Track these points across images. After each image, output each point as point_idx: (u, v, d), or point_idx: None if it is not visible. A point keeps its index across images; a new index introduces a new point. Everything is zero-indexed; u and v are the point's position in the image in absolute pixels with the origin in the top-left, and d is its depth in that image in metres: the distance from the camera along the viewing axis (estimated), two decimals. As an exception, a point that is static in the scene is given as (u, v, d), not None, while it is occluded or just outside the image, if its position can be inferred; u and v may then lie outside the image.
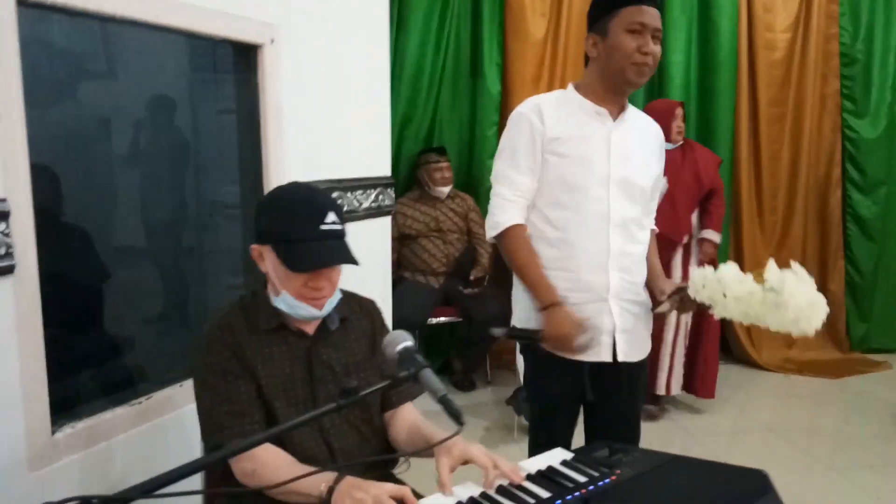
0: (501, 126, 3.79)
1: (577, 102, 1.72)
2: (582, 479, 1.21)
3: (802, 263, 1.57)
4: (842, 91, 4.06)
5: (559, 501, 1.12)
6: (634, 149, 1.72)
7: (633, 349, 1.74)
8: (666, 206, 3.09)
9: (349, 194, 2.59)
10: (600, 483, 1.18)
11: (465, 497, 1.17)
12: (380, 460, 1.40)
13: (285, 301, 1.32)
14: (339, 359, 1.40)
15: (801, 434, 3.18)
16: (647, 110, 3.26)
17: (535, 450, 1.87)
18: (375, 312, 1.52)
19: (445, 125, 3.81)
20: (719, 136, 3.94)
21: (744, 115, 3.99)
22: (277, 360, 1.36)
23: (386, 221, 2.90)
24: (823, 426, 3.28)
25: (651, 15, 1.62)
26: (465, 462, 1.26)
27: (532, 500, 1.14)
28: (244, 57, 2.12)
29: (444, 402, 1.04)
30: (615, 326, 1.70)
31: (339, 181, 2.53)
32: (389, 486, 1.13)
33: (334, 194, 2.48)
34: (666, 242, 3.15)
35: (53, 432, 1.59)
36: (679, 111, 3.17)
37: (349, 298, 1.45)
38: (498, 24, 3.72)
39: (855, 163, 4.09)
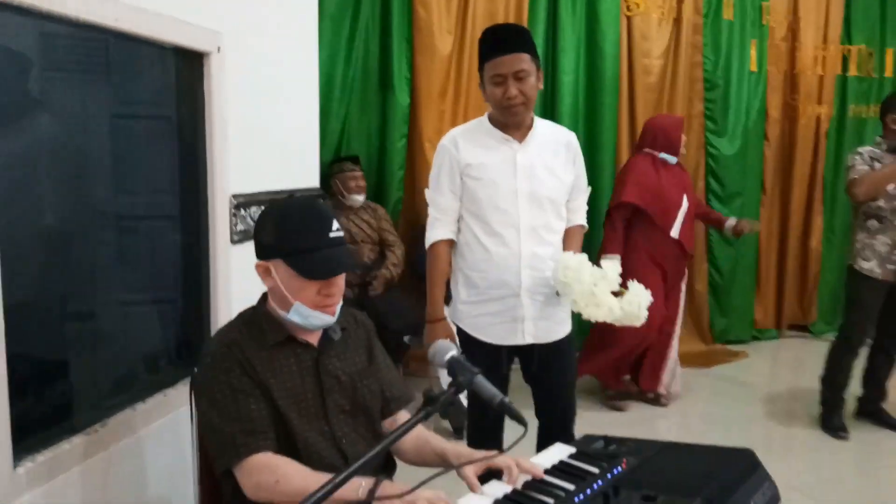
0: (410, 137, 3.88)
1: (488, 131, 2.02)
2: (594, 469, 1.34)
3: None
4: (705, 112, 4.57)
5: (588, 490, 1.24)
6: (540, 165, 2.01)
7: (544, 333, 2.06)
8: (688, 222, 3.51)
9: (286, 205, 2.56)
10: (615, 471, 1.31)
11: (499, 494, 1.25)
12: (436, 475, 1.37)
13: (299, 312, 1.34)
14: (344, 368, 1.44)
15: (679, 416, 3.61)
16: (654, 125, 3.51)
17: (475, 433, 2.18)
18: (369, 324, 1.57)
19: (355, 136, 3.84)
20: (604, 152, 4.30)
21: (624, 134, 4.38)
22: (288, 374, 1.37)
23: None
24: (694, 410, 3.70)
25: (507, 63, 1.89)
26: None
27: (562, 493, 1.24)
28: (188, 64, 2.05)
29: (503, 407, 1.11)
30: (525, 316, 2.01)
31: (276, 192, 2.49)
32: (429, 493, 1.18)
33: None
34: (683, 253, 3.54)
35: (15, 467, 1.46)
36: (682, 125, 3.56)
37: (344, 310, 1.48)
38: (406, 40, 3.82)
39: (716, 176, 4.63)
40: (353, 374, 1.44)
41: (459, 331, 2.10)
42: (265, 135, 2.42)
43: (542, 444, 2.16)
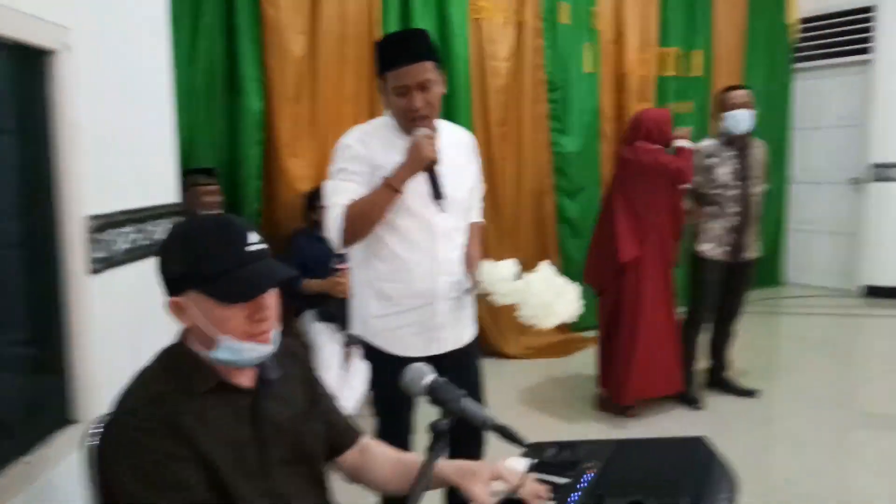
0: (266, 145, 3.63)
1: (394, 133, 1.91)
2: (564, 480, 1.30)
3: (526, 259, 2.04)
4: (549, 112, 4.79)
5: (574, 497, 1.20)
6: (449, 166, 1.93)
7: (458, 338, 2.02)
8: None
9: (149, 225, 2.25)
10: (585, 478, 1.28)
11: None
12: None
13: (229, 348, 1.14)
14: (283, 412, 1.25)
15: (552, 405, 3.72)
16: (647, 119, 3.43)
17: (385, 437, 2.04)
18: (303, 354, 1.39)
19: (201, 145, 3.51)
20: (462, 152, 4.34)
21: (479, 134, 4.45)
22: (220, 426, 1.16)
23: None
24: (562, 397, 3.87)
25: (411, 74, 1.82)
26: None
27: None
28: (30, 64, 1.72)
29: (498, 428, 1.03)
30: (443, 323, 1.96)
31: (137, 211, 2.18)
32: None
33: (126, 228, 2.16)
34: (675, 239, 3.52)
35: None
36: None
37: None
38: (254, 41, 3.56)
39: (562, 173, 4.86)
40: (293, 417, 1.27)
41: (370, 347, 1.99)
42: (121, 145, 2.11)
43: (454, 450, 2.10)
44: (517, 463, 1.36)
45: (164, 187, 2.46)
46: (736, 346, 3.90)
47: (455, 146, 2.01)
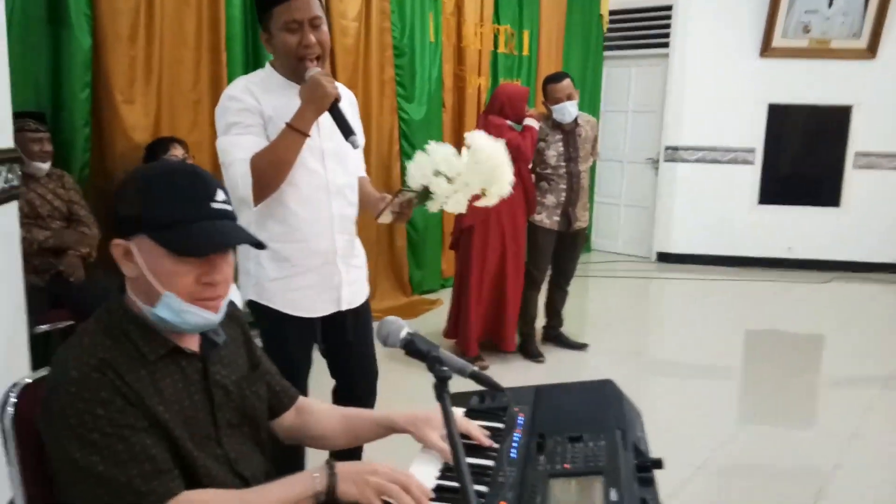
0: (95, 86, 3.24)
1: (281, 84, 1.81)
2: (500, 424, 1.38)
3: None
4: (395, 78, 4.80)
5: (514, 444, 1.28)
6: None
7: (355, 297, 1.99)
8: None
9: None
10: (520, 421, 1.37)
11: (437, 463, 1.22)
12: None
13: (169, 306, 1.05)
14: (230, 376, 1.20)
15: (407, 362, 3.81)
16: (503, 94, 3.59)
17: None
18: (240, 316, 1.32)
19: (18, 85, 3.01)
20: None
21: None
22: (174, 393, 1.09)
23: (13, 208, 2.23)
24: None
25: (302, 8, 1.73)
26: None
27: (493, 452, 1.26)
28: None
29: (476, 376, 1.07)
30: (342, 282, 1.93)
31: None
32: (386, 468, 1.08)
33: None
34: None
35: None
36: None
37: None
38: (82, -33, 3.13)
39: (408, 139, 4.92)
40: (240, 381, 1.22)
41: (268, 311, 1.90)
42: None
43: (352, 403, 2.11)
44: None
45: (-5, 129, 2.12)
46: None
47: (346, 100, 1.93)
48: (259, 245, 1.14)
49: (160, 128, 3.50)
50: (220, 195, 1.09)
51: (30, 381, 1.16)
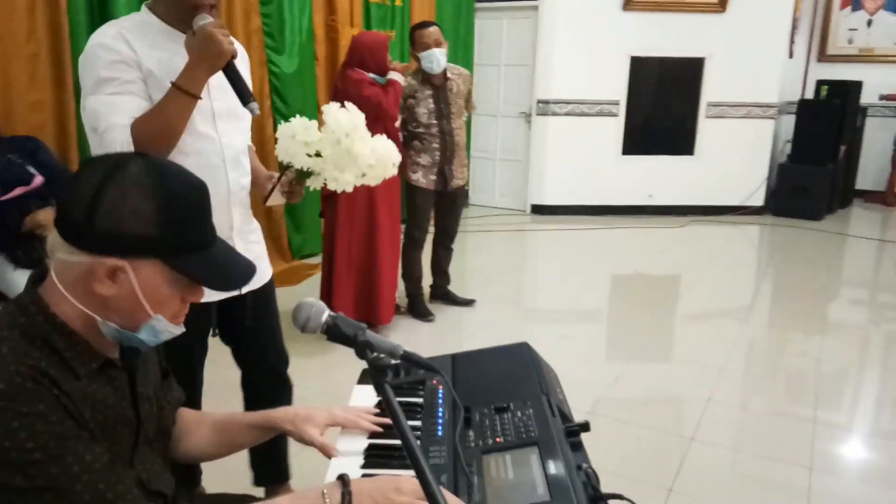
0: None
1: (162, 30, 1.58)
2: (418, 399, 1.33)
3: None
4: (263, 28, 4.47)
5: (439, 419, 1.23)
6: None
7: (258, 277, 1.76)
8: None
9: None
10: (440, 394, 1.33)
11: (364, 444, 1.16)
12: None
13: (153, 329, 0.94)
14: (150, 387, 1.07)
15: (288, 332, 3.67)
16: (359, 45, 3.33)
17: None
18: None
19: None
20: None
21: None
22: (107, 406, 0.95)
23: None
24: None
25: None
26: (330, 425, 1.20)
27: (418, 431, 1.21)
28: None
29: (408, 359, 0.99)
30: None
31: None
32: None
33: None
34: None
35: None
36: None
37: None
38: None
39: (280, 95, 4.63)
40: (157, 391, 1.09)
41: None
42: None
43: (257, 400, 1.98)
44: (362, 397, 1.35)
45: None
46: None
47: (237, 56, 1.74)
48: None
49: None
50: None
51: None
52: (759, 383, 3.31)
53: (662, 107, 6.95)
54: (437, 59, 3.58)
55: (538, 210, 7.08)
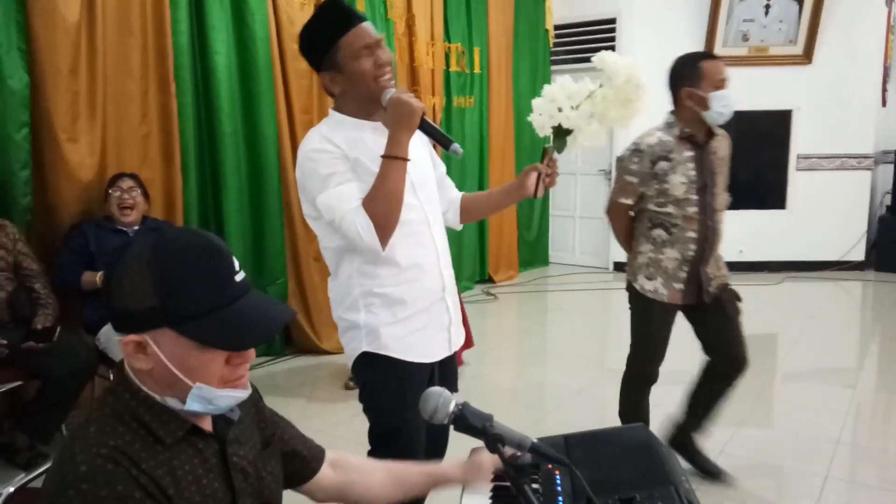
0: (34, 126, 3.01)
1: (353, 124, 1.72)
2: (537, 486, 1.28)
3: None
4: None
5: (560, 501, 1.18)
6: (415, 147, 1.75)
7: (458, 337, 1.89)
8: None
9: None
10: (558, 481, 1.27)
11: None
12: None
13: (202, 398, 0.93)
14: (247, 457, 1.06)
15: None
16: None
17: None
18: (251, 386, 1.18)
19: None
20: (265, 139, 4.07)
21: (284, 123, 4.18)
22: (194, 479, 0.95)
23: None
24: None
25: (368, 31, 1.69)
26: None
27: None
28: None
29: (537, 451, 0.96)
30: (451, 321, 1.84)
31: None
32: None
33: None
34: None
35: None
36: None
37: None
38: (16, 2, 2.90)
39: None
40: (255, 461, 1.08)
41: (385, 360, 1.73)
42: None
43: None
44: None
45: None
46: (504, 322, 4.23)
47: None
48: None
49: (107, 165, 3.28)
50: (237, 263, 0.96)
51: (13, 489, 1.00)
52: (881, 457, 3.04)
53: (749, 160, 6.76)
54: (731, 103, 2.55)
55: (620, 268, 6.93)
